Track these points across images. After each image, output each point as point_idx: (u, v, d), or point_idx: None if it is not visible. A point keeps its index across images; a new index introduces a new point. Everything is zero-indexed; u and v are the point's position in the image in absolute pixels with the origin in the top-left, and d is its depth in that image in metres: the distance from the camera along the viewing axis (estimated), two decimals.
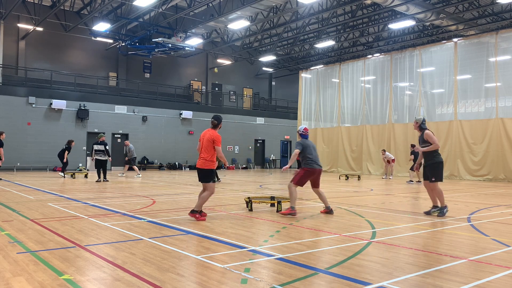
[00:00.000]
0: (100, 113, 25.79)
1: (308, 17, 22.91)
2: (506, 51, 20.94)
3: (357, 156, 26.84)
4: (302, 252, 5.03)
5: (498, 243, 5.70)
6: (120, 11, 23.21)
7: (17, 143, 22.91)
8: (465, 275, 4.18)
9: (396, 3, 19.34)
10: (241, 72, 35.47)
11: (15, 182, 15.37)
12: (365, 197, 11.83)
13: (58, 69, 26.15)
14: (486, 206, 9.46)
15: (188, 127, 29.47)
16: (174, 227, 6.55)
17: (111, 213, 7.94)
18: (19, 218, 7.22)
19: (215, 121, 7.44)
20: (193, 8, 21.20)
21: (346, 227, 6.76)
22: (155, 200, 10.14)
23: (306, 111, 31.00)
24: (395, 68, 25.13)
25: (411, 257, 4.85)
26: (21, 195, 10.84)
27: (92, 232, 6.08)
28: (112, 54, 28.73)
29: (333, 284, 3.84)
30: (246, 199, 8.78)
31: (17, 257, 4.57)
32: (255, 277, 3.98)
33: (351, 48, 29.87)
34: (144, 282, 3.80)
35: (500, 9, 21.40)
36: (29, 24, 24.48)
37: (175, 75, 31.88)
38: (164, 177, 19.59)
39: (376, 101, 26.22)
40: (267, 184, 16.06)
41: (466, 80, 22.14)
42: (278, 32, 27.34)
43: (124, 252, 4.88)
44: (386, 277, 4.03)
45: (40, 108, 23.95)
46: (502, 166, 20.24)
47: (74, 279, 3.84)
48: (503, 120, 20.36)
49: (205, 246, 5.30)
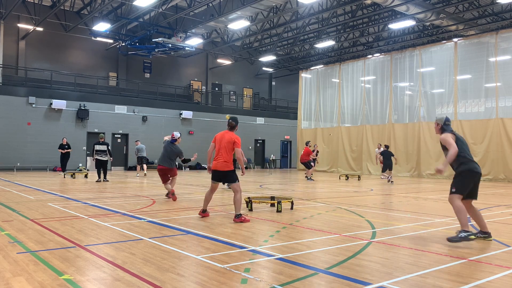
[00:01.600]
0: (100, 113, 25.78)
1: (308, 17, 22.91)
2: (506, 51, 20.94)
3: (357, 156, 26.84)
4: (302, 252, 5.03)
5: (498, 243, 5.70)
6: (120, 11, 23.21)
7: (17, 143, 22.91)
8: (465, 275, 4.18)
9: (396, 3, 19.34)
10: (241, 72, 35.47)
11: (15, 182, 15.37)
12: (365, 197, 11.83)
13: (58, 69, 26.14)
14: (486, 206, 9.46)
15: (188, 127, 29.46)
16: (174, 227, 6.55)
17: (111, 213, 7.94)
18: (19, 218, 7.22)
19: (233, 122, 7.39)
20: (193, 8, 21.20)
21: (346, 227, 6.76)
22: (155, 200, 10.14)
23: (306, 111, 31.01)
24: (395, 68, 25.14)
25: (411, 257, 4.85)
26: (21, 195, 10.84)
27: (92, 232, 6.08)
28: (112, 54, 28.72)
29: (333, 284, 3.84)
30: (246, 199, 8.78)
31: (17, 257, 4.57)
32: (255, 277, 3.98)
33: (351, 48, 29.87)
34: (144, 282, 3.80)
35: (500, 9, 21.40)
36: (29, 24, 24.48)
37: (175, 75, 31.87)
38: None
39: (376, 101, 26.23)
40: (267, 184, 16.06)
41: (466, 80, 22.15)
42: (278, 32, 27.33)
43: (124, 252, 4.88)
44: (386, 277, 4.03)
45: (40, 108, 23.95)
46: (502, 166, 20.24)
47: (74, 279, 3.84)
48: (503, 120, 20.36)
49: (205, 246, 5.30)
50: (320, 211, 8.60)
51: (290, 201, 8.91)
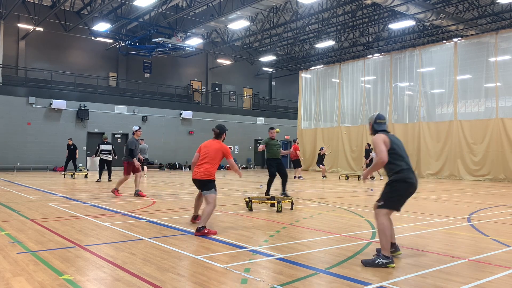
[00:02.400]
0: (100, 113, 25.78)
1: (308, 17, 22.91)
2: (506, 51, 20.94)
3: (357, 156, 26.83)
4: (302, 252, 5.03)
5: (498, 243, 5.70)
6: (120, 11, 23.21)
7: (17, 143, 22.91)
8: (465, 275, 4.18)
9: (396, 3, 19.34)
10: (241, 72, 35.47)
11: (15, 182, 15.37)
12: (365, 197, 11.83)
13: (58, 69, 26.14)
14: (486, 206, 9.47)
15: (188, 127, 29.46)
16: (174, 227, 6.55)
17: (111, 213, 7.94)
18: (19, 218, 7.22)
19: (217, 130, 6.66)
20: (193, 8, 21.19)
21: (346, 227, 6.76)
22: (155, 200, 10.14)
23: (306, 111, 31.00)
24: (395, 68, 25.13)
25: (411, 257, 4.85)
26: (21, 195, 10.84)
27: (92, 232, 6.08)
28: (112, 54, 28.72)
29: (333, 284, 3.84)
30: (246, 199, 8.78)
31: (17, 257, 4.57)
32: (255, 277, 3.98)
33: (351, 48, 29.86)
34: (144, 282, 3.80)
35: (500, 9, 21.39)
36: (29, 24, 24.48)
37: (175, 75, 31.88)
38: (164, 177, 19.59)
39: (376, 101, 26.21)
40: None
41: (466, 80, 22.14)
42: (278, 32, 27.33)
43: (124, 252, 4.88)
44: (386, 277, 4.03)
45: (40, 108, 23.95)
46: (502, 166, 20.23)
47: (74, 279, 3.84)
48: (503, 120, 20.35)
49: (205, 246, 5.30)
50: (320, 211, 8.60)
51: (290, 201, 8.91)
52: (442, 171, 22.20)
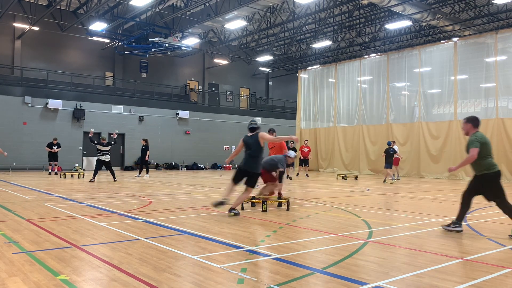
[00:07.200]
0: (96, 113, 25.72)
1: (305, 17, 22.93)
2: (506, 51, 20.96)
3: (352, 156, 26.86)
4: (299, 252, 5.03)
5: (494, 243, 5.72)
6: (116, 10, 23.15)
7: (13, 143, 22.81)
8: (461, 275, 4.19)
9: (393, 4, 19.38)
10: (237, 72, 35.46)
11: (11, 182, 15.31)
12: (361, 197, 11.85)
13: (54, 68, 26.06)
14: (482, 206, 9.49)
15: (185, 127, 29.43)
16: (170, 227, 6.54)
17: (108, 213, 7.92)
18: (15, 218, 7.19)
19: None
20: (190, 8, 21.17)
21: (343, 227, 6.77)
22: (151, 200, 10.12)
23: (305, 111, 30.98)
24: (392, 68, 25.16)
25: (408, 257, 4.86)
26: (16, 195, 10.80)
27: (88, 232, 6.06)
28: (108, 53, 28.65)
29: (329, 284, 3.84)
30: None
31: (12, 257, 4.55)
32: (252, 277, 3.97)
33: (347, 48, 29.92)
34: (141, 282, 3.79)
35: (496, 9, 21.47)
36: (25, 24, 24.37)
37: (171, 75, 31.83)
38: (161, 177, 19.56)
39: (372, 101, 26.25)
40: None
41: (465, 80, 22.16)
42: (275, 32, 27.34)
43: (120, 252, 4.86)
44: (383, 277, 4.04)
45: (36, 108, 23.86)
46: (502, 166, 20.25)
47: (70, 280, 3.82)
48: (503, 120, 20.37)
49: (201, 246, 5.29)
50: (317, 211, 8.60)
51: (286, 201, 8.91)
52: (442, 172, 22.18)
